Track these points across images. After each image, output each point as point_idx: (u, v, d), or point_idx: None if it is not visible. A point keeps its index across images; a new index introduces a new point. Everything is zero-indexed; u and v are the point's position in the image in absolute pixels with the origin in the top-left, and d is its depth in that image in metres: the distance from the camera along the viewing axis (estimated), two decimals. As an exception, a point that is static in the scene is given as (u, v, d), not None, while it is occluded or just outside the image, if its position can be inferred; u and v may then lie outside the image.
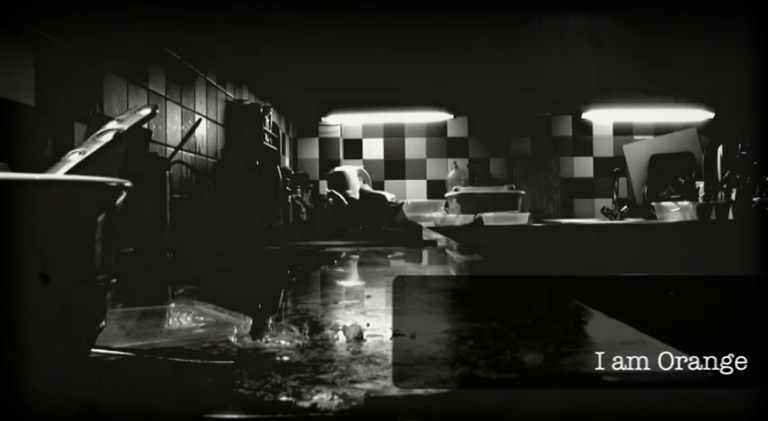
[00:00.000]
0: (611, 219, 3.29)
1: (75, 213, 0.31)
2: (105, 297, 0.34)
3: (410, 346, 0.46)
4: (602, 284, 2.70)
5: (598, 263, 2.76)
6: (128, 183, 0.33)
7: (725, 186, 3.09)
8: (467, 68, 3.34)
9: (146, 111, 0.50)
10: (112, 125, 0.54)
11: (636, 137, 3.65)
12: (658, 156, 3.48)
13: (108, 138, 0.50)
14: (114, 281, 0.35)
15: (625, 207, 3.34)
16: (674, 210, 3.07)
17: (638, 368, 0.40)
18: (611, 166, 3.51)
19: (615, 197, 3.41)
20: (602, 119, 3.63)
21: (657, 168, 3.45)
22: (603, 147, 3.66)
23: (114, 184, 0.32)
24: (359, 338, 0.49)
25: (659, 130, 3.62)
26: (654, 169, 3.47)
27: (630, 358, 0.42)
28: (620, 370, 0.40)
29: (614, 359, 0.42)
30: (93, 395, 0.36)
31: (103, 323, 0.36)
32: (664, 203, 3.15)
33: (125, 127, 0.51)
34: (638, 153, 3.56)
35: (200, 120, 1.43)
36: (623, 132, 3.66)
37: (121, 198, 0.33)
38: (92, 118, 1.16)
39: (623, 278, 2.71)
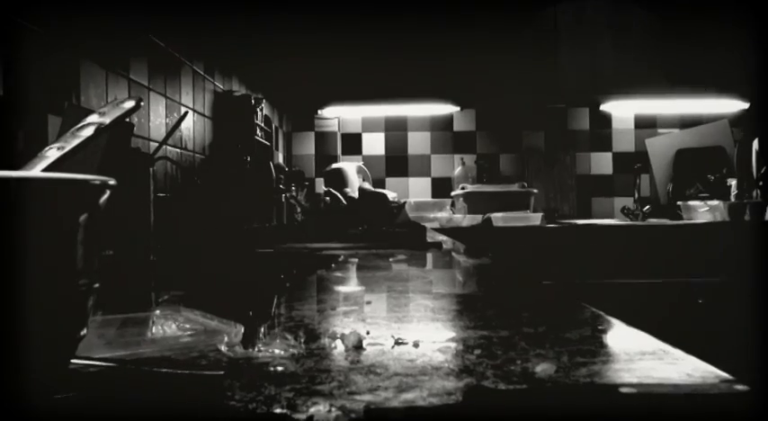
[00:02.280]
0: (632, 220, 3.29)
1: (54, 213, 0.32)
2: (87, 302, 0.35)
3: (413, 355, 0.47)
4: (621, 290, 2.71)
5: (618, 267, 2.76)
6: (112, 182, 0.33)
7: (760, 184, 3.06)
8: (475, 57, 3.34)
9: (129, 104, 0.50)
10: (93, 119, 0.55)
11: (660, 130, 3.65)
12: (685, 150, 3.47)
13: (88, 132, 0.51)
14: (97, 285, 0.35)
15: (648, 207, 3.33)
16: (703, 210, 3.06)
17: (659, 380, 0.41)
18: (633, 162, 3.51)
19: (637, 196, 3.41)
20: (623, 110, 3.63)
21: (684, 164, 3.44)
22: (624, 142, 3.67)
23: (98, 183, 0.32)
24: (358, 347, 0.49)
25: (686, 123, 3.61)
26: (680, 165, 3.46)
27: (650, 369, 0.42)
28: (639, 381, 0.41)
29: (633, 370, 0.42)
30: (72, 409, 0.36)
31: (85, 330, 0.36)
32: (691, 202, 3.14)
33: (107, 121, 0.51)
34: (662, 147, 3.55)
35: (186, 113, 1.44)
36: (646, 125, 3.66)
37: (105, 197, 0.33)
38: (67, 110, 1.17)
39: (645, 284, 2.71)
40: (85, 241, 0.33)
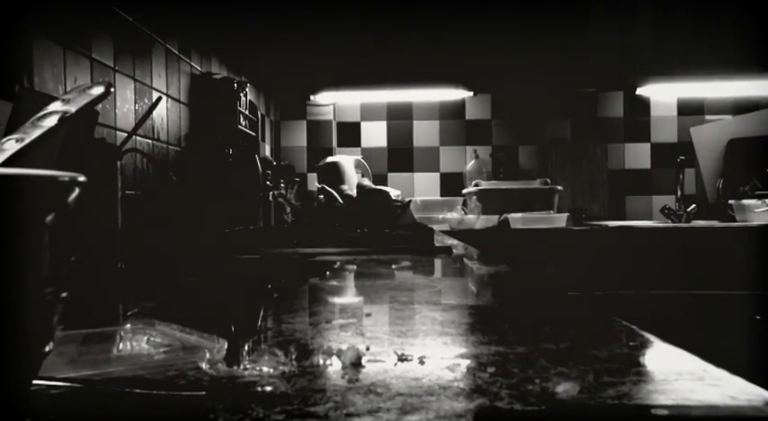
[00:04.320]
0: (674, 222, 3.29)
1: (17, 214, 0.33)
2: (53, 314, 0.36)
3: (418, 373, 0.48)
4: (660, 303, 2.71)
5: (656, 277, 2.77)
6: (82, 178, 0.34)
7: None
8: (490, 33, 3.34)
9: (98, 90, 0.51)
10: (56, 106, 0.56)
11: (708, 117, 3.65)
12: (738, 140, 3.45)
13: (51, 122, 0.52)
14: (64, 295, 0.36)
15: (693, 206, 3.32)
16: (760, 210, 3.04)
17: (697, 402, 0.42)
18: (675, 155, 3.50)
19: (680, 193, 3.40)
20: (664, 94, 3.62)
21: (737, 156, 3.42)
22: (665, 131, 3.67)
23: (66, 179, 0.33)
24: (356, 364, 0.50)
25: (739, 108, 3.60)
26: (732, 158, 3.44)
27: (688, 391, 0.43)
28: (675, 403, 0.41)
29: (668, 391, 0.43)
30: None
31: (51, 345, 0.37)
32: (745, 201, 3.12)
33: (72, 109, 0.52)
34: (710, 137, 3.53)
35: (159, 99, 1.45)
36: (691, 111, 3.66)
37: (74, 195, 0.34)
38: (20, 94, 1.17)
39: (689, 296, 2.72)
40: (52, 245, 0.34)
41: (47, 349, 0.37)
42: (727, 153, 3.45)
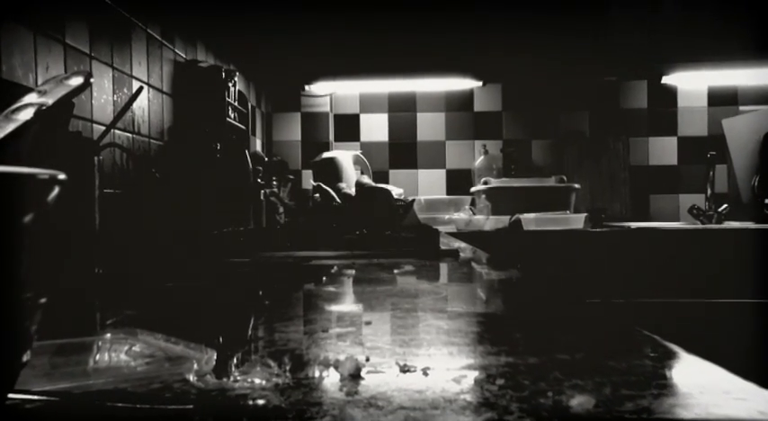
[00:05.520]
0: (703, 223, 3.29)
1: (-8, 213, 0.33)
2: (32, 321, 0.37)
3: (422, 385, 0.48)
4: (685, 312, 2.71)
5: (683, 283, 2.77)
6: (62, 176, 0.35)
7: None
8: (500, 17, 3.35)
9: (76, 81, 0.52)
10: (32, 98, 0.56)
11: (742, 107, 3.64)
12: (776, 133, 3.43)
13: (27, 115, 0.53)
14: (44, 300, 0.37)
15: (725, 206, 3.32)
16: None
17: (722, 416, 0.42)
18: (705, 150, 3.51)
19: (710, 192, 3.40)
20: (692, 83, 3.61)
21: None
22: (693, 123, 3.67)
23: (46, 177, 0.34)
24: (355, 375, 0.51)
25: (777, 98, 3.59)
26: (769, 153, 3.41)
27: (712, 405, 0.44)
28: (697, 417, 0.42)
29: (690, 405, 0.44)
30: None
31: (28, 355, 0.38)
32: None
33: (49, 101, 0.53)
34: (744, 130, 3.51)
35: (140, 89, 1.46)
36: (723, 102, 3.65)
37: (54, 194, 0.35)
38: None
39: (719, 305, 2.72)
40: (31, 247, 0.34)
41: (24, 359, 0.38)
42: (764, 147, 3.42)
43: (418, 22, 3.30)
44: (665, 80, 3.54)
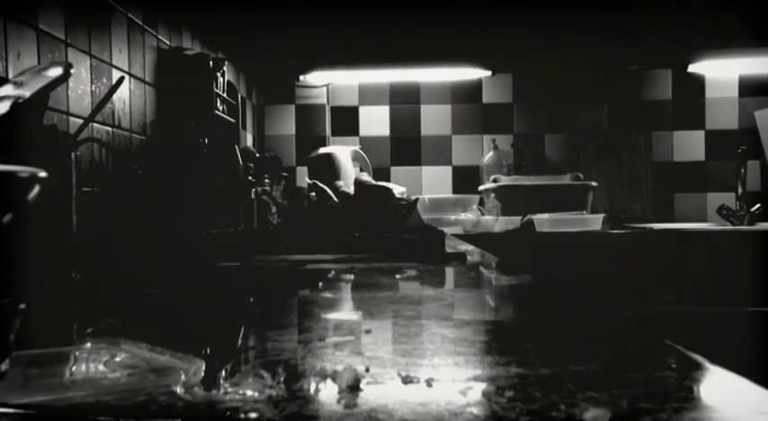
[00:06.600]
0: (733, 224, 3.28)
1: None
2: (10, 327, 0.37)
3: (425, 397, 0.49)
4: (712, 320, 2.71)
5: (710, 289, 2.77)
6: (42, 174, 0.35)
7: None
8: (510, 3, 3.35)
9: (55, 72, 0.53)
10: (8, 90, 0.57)
11: (775, 99, 3.63)
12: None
13: (3, 109, 0.53)
14: (23, 306, 0.38)
15: (758, 206, 3.31)
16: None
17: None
18: (736, 144, 3.50)
19: (741, 190, 3.39)
20: (722, 72, 3.60)
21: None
22: (722, 116, 3.67)
23: (26, 175, 0.34)
24: (354, 387, 0.51)
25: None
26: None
27: (737, 419, 0.44)
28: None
29: (715, 419, 0.44)
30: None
31: (6, 364, 0.39)
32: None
33: (26, 93, 0.53)
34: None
35: (121, 79, 1.46)
36: (755, 92, 3.65)
37: (34, 193, 0.36)
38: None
39: (749, 312, 2.71)
40: (10, 249, 0.35)
41: (2, 368, 0.39)
42: (800, 142, 3.44)
43: (422, 6, 3.30)
44: (692, 69, 3.53)
